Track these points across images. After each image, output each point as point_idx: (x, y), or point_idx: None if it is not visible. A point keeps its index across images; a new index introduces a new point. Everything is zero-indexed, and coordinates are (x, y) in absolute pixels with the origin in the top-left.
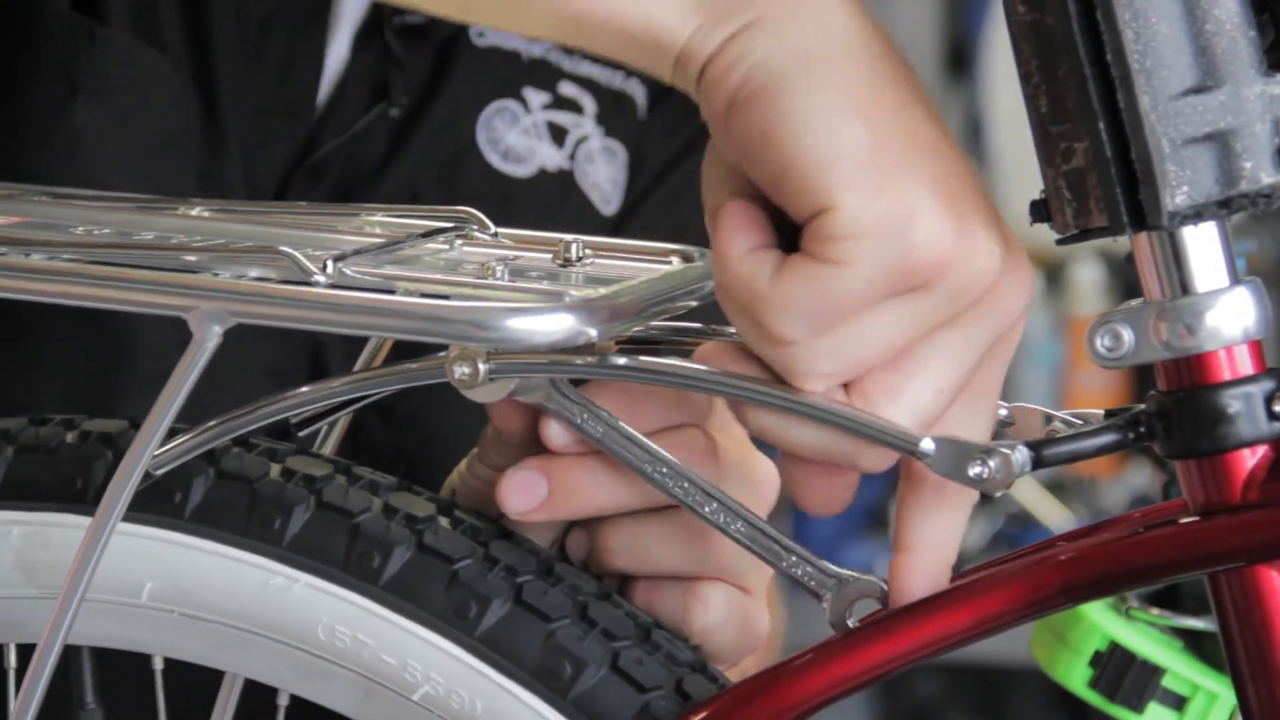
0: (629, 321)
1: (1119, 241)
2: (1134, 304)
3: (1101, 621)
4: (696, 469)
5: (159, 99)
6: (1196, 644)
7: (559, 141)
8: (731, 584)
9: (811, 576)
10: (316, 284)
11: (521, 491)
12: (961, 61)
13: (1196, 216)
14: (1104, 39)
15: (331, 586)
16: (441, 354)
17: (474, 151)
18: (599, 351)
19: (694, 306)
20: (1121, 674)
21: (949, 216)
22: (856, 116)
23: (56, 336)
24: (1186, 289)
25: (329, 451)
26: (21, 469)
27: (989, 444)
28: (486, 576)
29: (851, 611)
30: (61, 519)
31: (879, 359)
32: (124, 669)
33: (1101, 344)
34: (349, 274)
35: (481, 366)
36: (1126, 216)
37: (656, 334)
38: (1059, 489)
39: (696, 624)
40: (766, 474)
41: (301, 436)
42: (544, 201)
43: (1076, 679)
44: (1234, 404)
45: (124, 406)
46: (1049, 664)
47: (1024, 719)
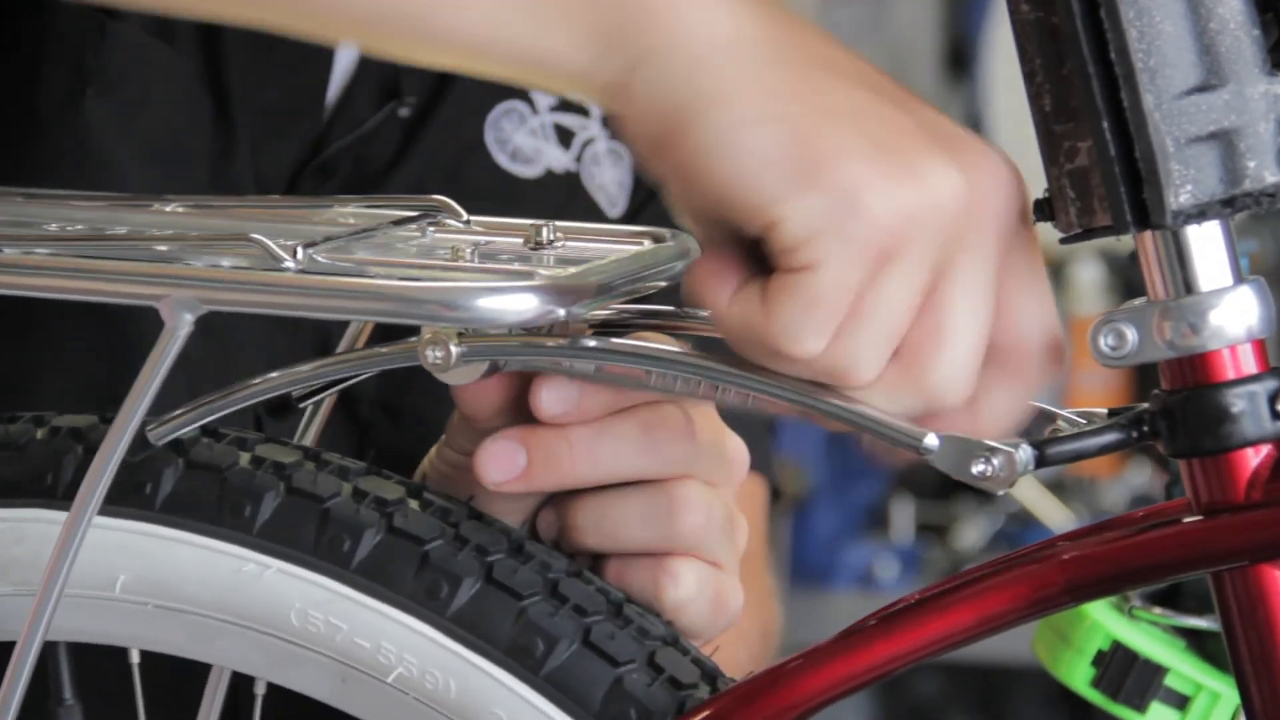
0: (598, 300)
1: (1121, 241)
2: (1137, 303)
3: (1104, 621)
4: (672, 445)
5: (169, 94)
6: (1199, 643)
7: (565, 143)
8: (702, 559)
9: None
10: (287, 270)
11: (499, 461)
12: (961, 61)
13: (1200, 215)
14: (1108, 38)
15: (303, 572)
16: (414, 338)
17: (482, 151)
18: (572, 334)
19: (665, 287)
20: (1124, 673)
21: (890, 172)
22: (764, 122)
23: (62, 335)
24: (1190, 288)
25: (311, 438)
26: None
27: (992, 442)
28: (457, 556)
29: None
30: (35, 514)
31: (903, 325)
32: (101, 664)
33: (1105, 343)
34: (320, 260)
35: (453, 349)
36: (1130, 215)
37: (629, 316)
38: (1060, 488)
39: (668, 599)
40: (737, 451)
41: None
42: (551, 203)
43: (1079, 678)
44: (1237, 403)
45: None
46: (1051, 663)
47: (1025, 719)
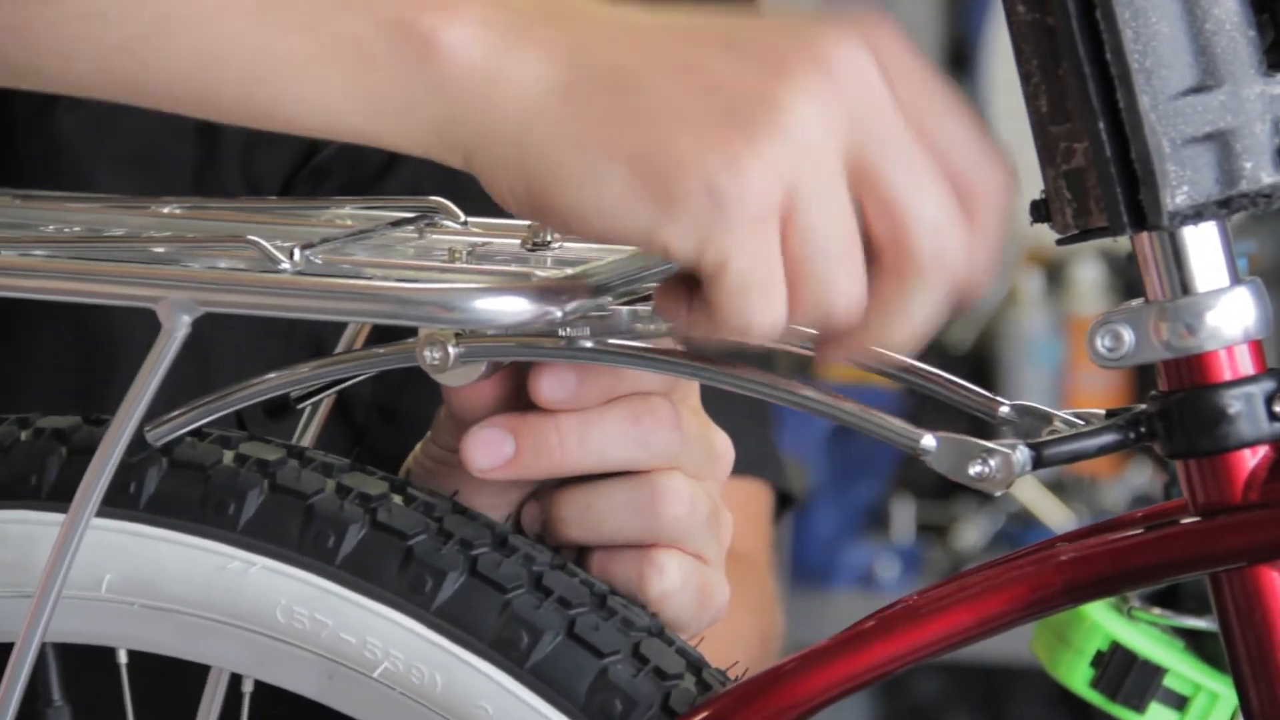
0: (595, 301)
1: (1120, 241)
2: (1134, 304)
3: (1103, 621)
4: (660, 438)
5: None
6: (1198, 644)
7: None
8: (686, 552)
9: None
10: (284, 272)
11: (487, 447)
12: (961, 61)
13: (1197, 216)
14: (1104, 38)
15: (288, 568)
16: (411, 339)
17: None
18: (569, 335)
19: None
20: (1123, 674)
21: (736, 146)
22: (602, 165)
23: (46, 339)
24: (1187, 289)
25: (309, 439)
26: None
27: (990, 443)
28: (441, 550)
29: None
30: (20, 515)
31: (850, 243)
32: (89, 666)
33: (1102, 344)
34: (316, 261)
35: (451, 350)
36: (1126, 216)
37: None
38: (1059, 488)
39: (652, 590)
40: (724, 447)
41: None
42: None
43: (1078, 679)
44: (1235, 404)
45: (115, 408)
46: (1050, 664)
47: (1024, 719)
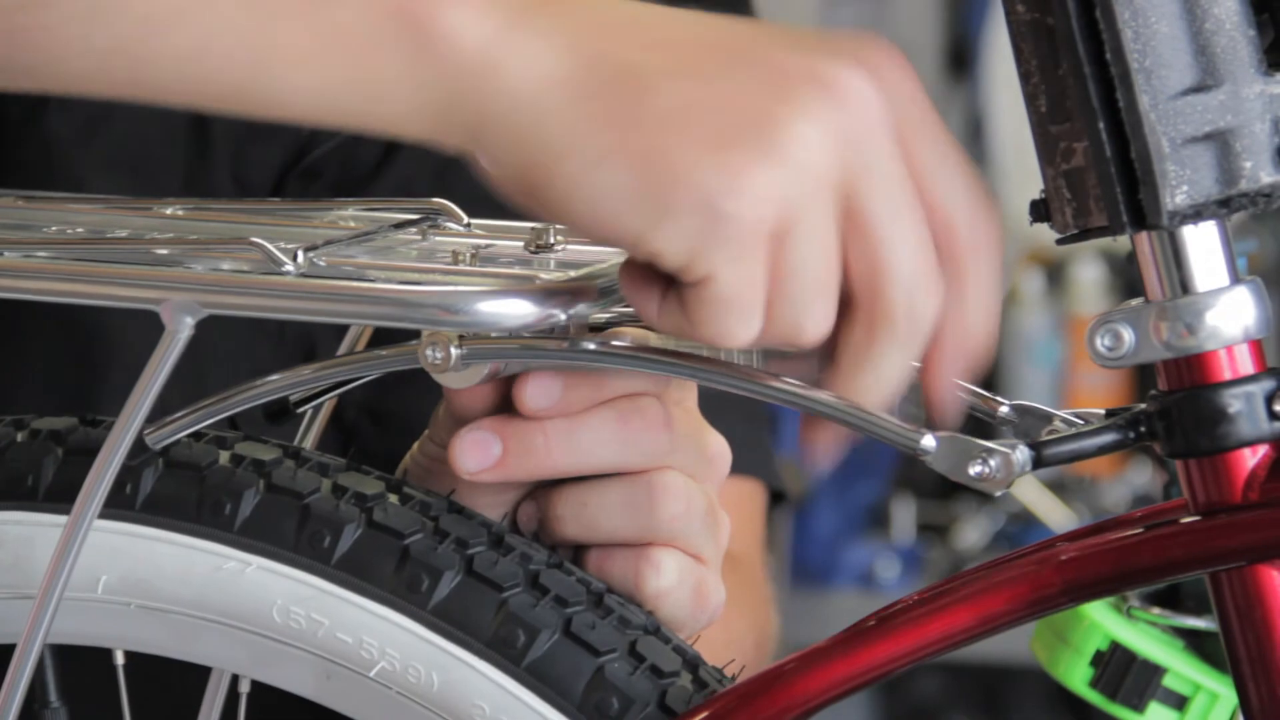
0: (598, 304)
1: (1120, 241)
2: (1134, 303)
3: (1103, 621)
4: (649, 439)
5: (135, 104)
6: (1197, 643)
7: None
8: (683, 550)
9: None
10: (287, 274)
11: (475, 450)
12: (961, 61)
13: (1196, 216)
14: (1103, 38)
15: (284, 568)
16: (414, 341)
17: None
18: (572, 336)
19: None
20: (1122, 673)
21: (740, 163)
22: (605, 160)
23: (38, 341)
24: (1187, 288)
25: (310, 442)
26: None
27: (990, 443)
28: (437, 550)
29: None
30: (15, 517)
31: (829, 277)
32: (87, 667)
33: (1102, 344)
34: (320, 264)
35: (454, 351)
36: (1126, 216)
37: (629, 319)
38: (1060, 488)
39: (648, 588)
40: (718, 448)
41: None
42: None
43: (1077, 678)
44: (1234, 403)
45: (106, 410)
46: (1050, 663)
47: (1024, 719)
